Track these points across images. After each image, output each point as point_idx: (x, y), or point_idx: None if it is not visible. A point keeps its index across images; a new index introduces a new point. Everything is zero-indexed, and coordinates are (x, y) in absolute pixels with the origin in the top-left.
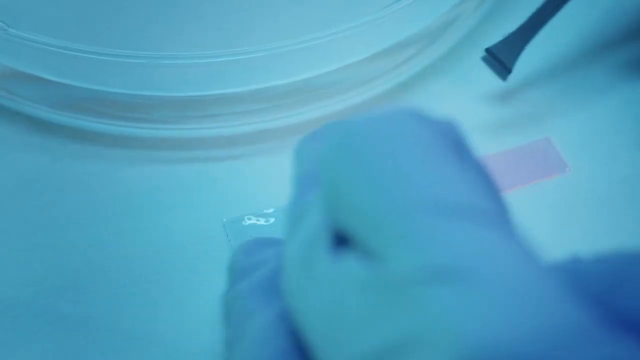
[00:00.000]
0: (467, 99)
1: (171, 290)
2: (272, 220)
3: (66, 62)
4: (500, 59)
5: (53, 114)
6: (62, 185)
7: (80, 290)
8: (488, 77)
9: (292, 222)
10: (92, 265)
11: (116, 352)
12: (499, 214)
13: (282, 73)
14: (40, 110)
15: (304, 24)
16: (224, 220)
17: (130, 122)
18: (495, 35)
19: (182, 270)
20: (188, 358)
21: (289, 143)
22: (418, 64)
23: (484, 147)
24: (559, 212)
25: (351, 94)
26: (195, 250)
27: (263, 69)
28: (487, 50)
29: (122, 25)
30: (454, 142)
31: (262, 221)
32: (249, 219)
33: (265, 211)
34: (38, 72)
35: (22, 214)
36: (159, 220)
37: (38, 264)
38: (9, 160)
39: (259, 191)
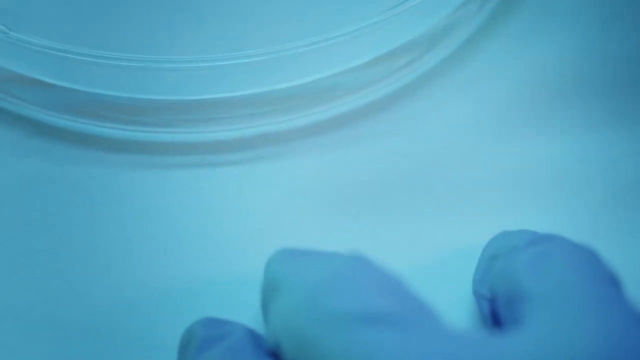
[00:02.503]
0: (470, 102)
1: (173, 294)
2: None
3: (68, 65)
4: None
5: (54, 117)
6: (63, 190)
7: (82, 295)
8: (489, 80)
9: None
10: (94, 269)
11: (117, 356)
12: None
13: (284, 76)
14: (42, 114)
15: (306, 27)
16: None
17: (131, 125)
18: (498, 38)
19: (184, 275)
20: None
21: (292, 148)
22: (421, 67)
23: (486, 150)
24: (560, 216)
25: (353, 97)
26: (197, 255)
27: (265, 72)
28: None
29: (124, 29)
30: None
31: None
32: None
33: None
34: (39, 76)
35: (23, 218)
36: (161, 224)
37: (39, 268)
38: (10, 164)
39: (260, 196)
